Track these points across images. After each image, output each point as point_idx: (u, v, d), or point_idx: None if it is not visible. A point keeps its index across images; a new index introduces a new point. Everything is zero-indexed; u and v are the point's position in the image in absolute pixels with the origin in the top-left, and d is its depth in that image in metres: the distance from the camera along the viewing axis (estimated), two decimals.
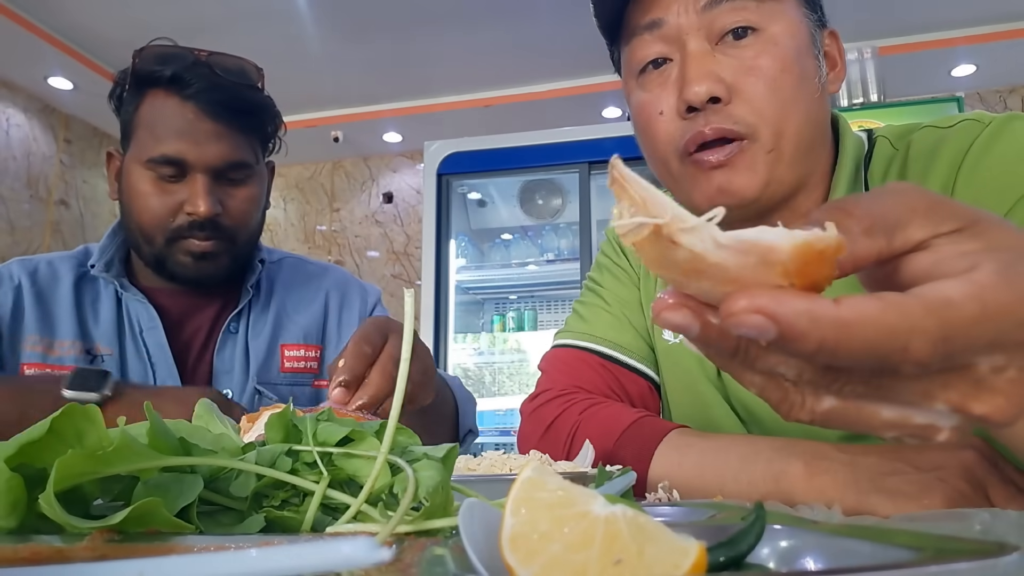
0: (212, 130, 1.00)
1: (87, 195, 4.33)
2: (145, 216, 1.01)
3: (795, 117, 0.67)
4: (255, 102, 1.06)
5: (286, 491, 0.38)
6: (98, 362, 1.03)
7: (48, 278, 1.05)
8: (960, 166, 0.67)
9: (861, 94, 2.98)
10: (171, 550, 0.30)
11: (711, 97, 0.66)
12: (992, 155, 0.66)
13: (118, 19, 3.29)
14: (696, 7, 0.68)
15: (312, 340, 1.16)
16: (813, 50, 0.70)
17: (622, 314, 0.87)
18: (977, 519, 0.40)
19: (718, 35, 0.68)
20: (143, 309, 1.05)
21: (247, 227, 1.07)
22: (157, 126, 1.00)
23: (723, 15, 0.67)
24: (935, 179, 0.68)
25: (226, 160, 1.01)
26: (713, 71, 0.67)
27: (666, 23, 0.69)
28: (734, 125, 0.67)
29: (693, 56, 0.67)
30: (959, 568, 0.22)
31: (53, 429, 0.31)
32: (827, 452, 0.59)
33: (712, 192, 0.68)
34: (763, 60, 0.67)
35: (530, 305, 3.80)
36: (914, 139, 0.73)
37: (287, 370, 1.12)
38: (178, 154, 0.98)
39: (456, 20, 3.32)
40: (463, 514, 0.25)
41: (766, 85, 0.66)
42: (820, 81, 0.70)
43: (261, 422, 0.60)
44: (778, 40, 0.67)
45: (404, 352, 0.35)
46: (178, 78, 0.99)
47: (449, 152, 3.38)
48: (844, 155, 0.74)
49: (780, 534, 0.29)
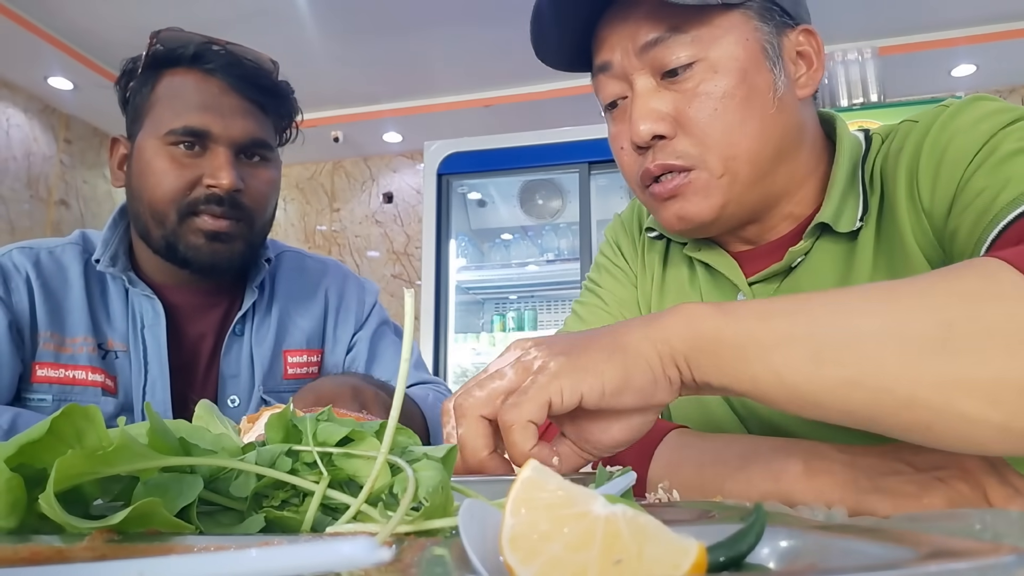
0: (237, 105, 0.98)
1: (87, 195, 4.33)
2: (159, 191, 0.96)
3: (745, 139, 0.68)
4: (277, 84, 1.05)
5: (286, 491, 0.38)
6: (111, 358, 0.99)
7: (54, 269, 1.00)
8: (922, 144, 0.66)
9: (861, 94, 2.98)
10: (171, 550, 0.30)
11: (655, 135, 0.69)
12: (950, 128, 0.65)
13: (118, 19, 3.29)
14: (635, 48, 0.69)
15: (314, 344, 1.14)
16: (767, 63, 0.69)
17: (620, 315, 0.87)
18: (977, 519, 0.40)
19: (661, 71, 0.69)
20: (149, 305, 1.01)
21: (264, 211, 1.04)
22: (178, 100, 0.97)
23: (660, 53, 0.68)
24: (904, 164, 0.68)
25: (251, 136, 0.99)
26: (655, 109, 0.69)
27: (613, 65, 0.72)
28: (677, 160, 0.69)
29: (638, 96, 0.70)
30: (959, 568, 0.22)
31: (53, 429, 0.31)
32: (826, 452, 0.59)
33: (671, 219, 0.73)
34: (704, 88, 0.67)
35: (530, 305, 3.80)
36: (897, 131, 0.73)
37: (291, 376, 1.10)
38: (203, 125, 0.95)
39: (456, 20, 3.32)
40: (463, 514, 0.25)
41: (707, 114, 0.67)
42: (776, 94, 0.69)
43: (261, 422, 0.60)
44: (718, 66, 0.68)
45: (404, 352, 0.35)
46: (200, 56, 0.98)
47: (449, 152, 3.38)
48: (841, 157, 0.74)
49: (780, 534, 0.29)
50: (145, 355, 1.00)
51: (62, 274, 0.99)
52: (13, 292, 0.95)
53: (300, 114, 1.10)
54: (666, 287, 0.86)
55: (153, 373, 0.99)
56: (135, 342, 1.00)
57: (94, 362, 0.97)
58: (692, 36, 0.67)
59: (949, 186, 0.63)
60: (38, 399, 0.93)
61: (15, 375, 0.92)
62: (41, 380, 0.94)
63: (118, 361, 0.99)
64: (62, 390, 0.94)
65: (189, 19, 3.33)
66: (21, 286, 0.95)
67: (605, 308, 0.88)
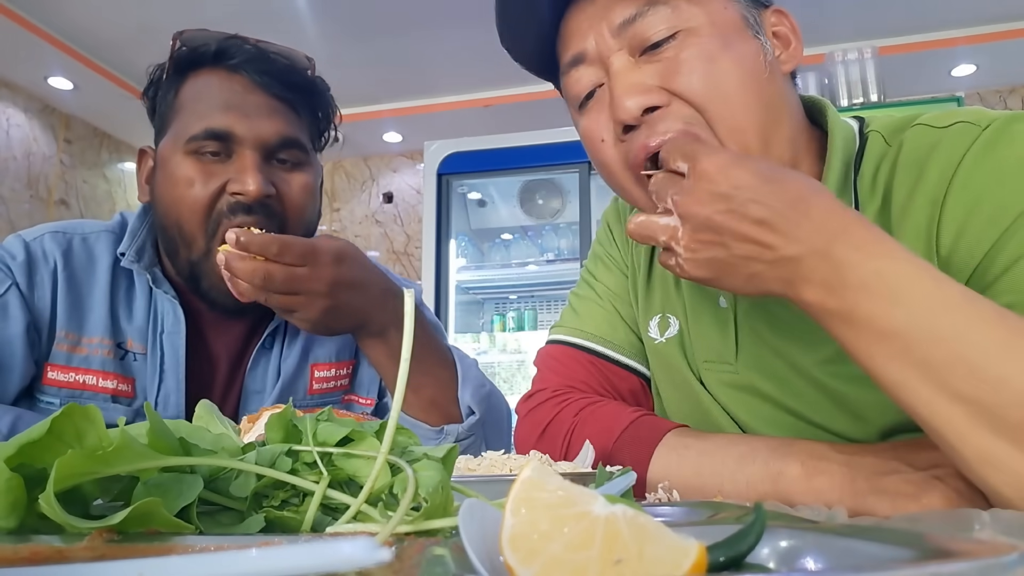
0: (263, 103, 0.89)
1: (87, 195, 4.33)
2: (184, 208, 0.87)
3: (744, 98, 0.63)
4: (310, 81, 0.95)
5: (286, 491, 0.38)
6: (129, 359, 0.92)
7: (83, 260, 0.91)
8: (951, 180, 0.61)
9: (861, 94, 2.98)
10: (171, 550, 0.30)
11: (646, 108, 0.63)
12: (985, 167, 0.59)
13: (118, 19, 3.29)
14: (611, 29, 0.66)
15: (345, 356, 1.04)
16: (749, 31, 0.66)
17: (613, 307, 0.87)
18: (977, 519, 0.40)
19: (640, 49, 0.65)
20: (170, 309, 0.93)
21: (302, 221, 0.93)
22: (200, 103, 0.89)
23: (639, 29, 0.64)
24: (924, 190, 0.63)
25: (281, 136, 0.89)
26: (640, 82, 0.64)
27: (588, 53, 0.68)
28: (685, 125, 0.63)
29: (617, 74, 0.65)
30: (959, 568, 0.22)
31: (53, 429, 0.31)
32: (824, 452, 0.59)
33: None
34: (689, 53, 0.63)
35: (530, 305, 3.80)
36: (907, 138, 0.67)
37: (315, 391, 1.02)
38: (225, 126, 0.86)
39: (456, 20, 3.31)
40: (463, 514, 0.25)
41: (700, 76, 0.63)
42: (766, 60, 0.66)
43: (261, 422, 0.60)
44: (700, 32, 0.64)
45: (404, 352, 0.35)
46: (223, 52, 0.90)
47: (449, 152, 3.38)
48: (832, 154, 0.68)
49: (780, 534, 0.29)
50: (162, 362, 0.93)
51: (91, 265, 0.92)
52: (37, 287, 0.88)
53: (338, 113, 1.01)
54: (652, 282, 0.85)
55: (168, 384, 0.92)
56: (153, 347, 0.93)
57: (107, 366, 0.91)
58: (672, 7, 0.64)
59: (981, 241, 0.58)
60: (47, 401, 0.89)
61: (27, 378, 0.88)
62: (51, 383, 0.89)
63: (136, 363, 0.93)
64: (71, 395, 0.89)
65: (189, 19, 3.32)
66: (46, 279, 0.89)
67: (598, 301, 0.88)
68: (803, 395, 0.70)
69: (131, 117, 3.94)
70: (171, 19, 3.14)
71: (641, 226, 0.58)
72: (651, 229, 0.57)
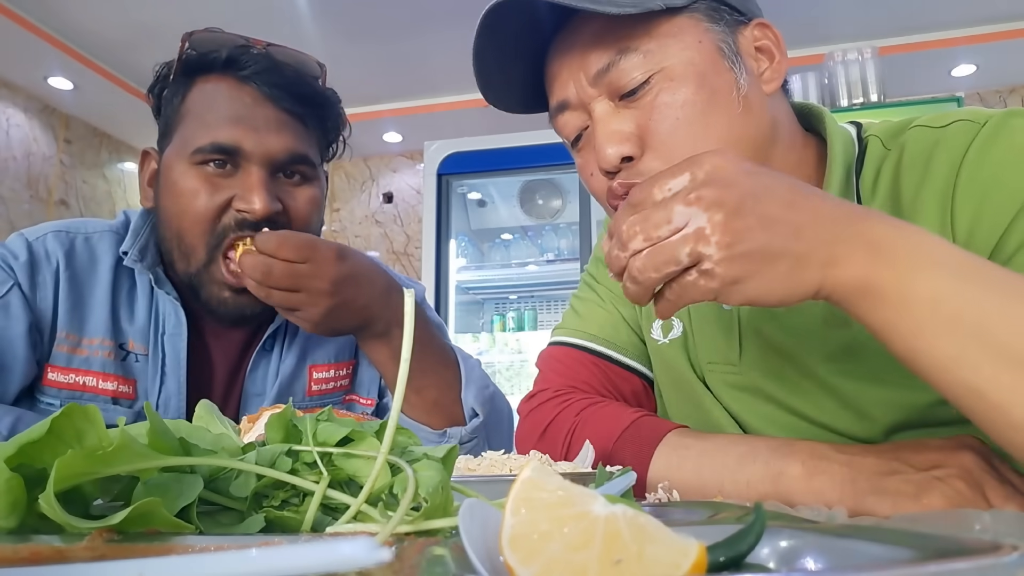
0: (273, 117, 0.88)
1: (87, 195, 4.33)
2: (187, 220, 0.87)
3: (712, 145, 0.63)
4: (320, 93, 0.94)
5: (286, 491, 0.38)
6: (130, 360, 0.91)
7: (85, 260, 0.91)
8: (957, 174, 0.62)
9: (861, 94, 2.98)
10: (171, 550, 0.30)
11: (623, 159, 0.65)
12: (990, 159, 0.61)
13: (118, 19, 3.28)
14: (588, 78, 0.67)
15: (344, 357, 1.04)
16: (725, 63, 0.66)
17: (615, 309, 0.87)
18: (977, 519, 0.40)
19: (618, 95, 0.66)
20: (172, 310, 0.92)
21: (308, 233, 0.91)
22: (207, 112, 0.87)
23: (614, 78, 0.66)
24: (931, 189, 0.64)
25: (289, 152, 0.88)
26: (618, 130, 0.66)
27: (571, 100, 0.70)
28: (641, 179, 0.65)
29: (598, 121, 0.67)
30: (959, 568, 0.22)
31: (53, 429, 0.31)
32: (825, 452, 0.59)
33: None
34: (662, 99, 0.65)
35: (530, 305, 3.80)
36: (907, 140, 0.68)
37: (314, 393, 1.01)
38: (232, 141, 0.85)
39: (456, 20, 3.31)
40: (463, 514, 0.25)
41: (670, 125, 0.64)
42: (740, 92, 0.66)
43: (261, 422, 0.60)
44: (674, 74, 0.65)
45: (404, 352, 0.35)
46: (234, 60, 0.88)
47: (449, 152, 3.39)
48: (833, 160, 0.69)
49: (780, 534, 0.29)
50: (163, 364, 0.92)
51: (93, 266, 0.91)
52: (39, 287, 0.88)
53: (348, 126, 1.00)
54: None
55: (169, 386, 0.92)
56: (155, 348, 0.92)
57: (108, 368, 0.90)
58: (643, 53, 0.65)
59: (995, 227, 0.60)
60: (47, 402, 0.89)
61: (28, 378, 0.87)
62: (51, 384, 0.88)
63: (137, 364, 0.92)
64: (71, 396, 0.89)
65: (189, 19, 3.32)
66: (48, 279, 0.88)
67: (600, 303, 0.88)
68: (808, 395, 0.71)
69: (131, 117, 3.94)
70: (171, 19, 3.14)
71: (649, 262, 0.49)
72: (666, 253, 0.48)
